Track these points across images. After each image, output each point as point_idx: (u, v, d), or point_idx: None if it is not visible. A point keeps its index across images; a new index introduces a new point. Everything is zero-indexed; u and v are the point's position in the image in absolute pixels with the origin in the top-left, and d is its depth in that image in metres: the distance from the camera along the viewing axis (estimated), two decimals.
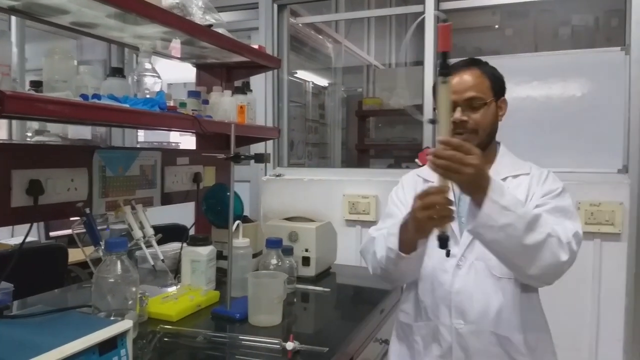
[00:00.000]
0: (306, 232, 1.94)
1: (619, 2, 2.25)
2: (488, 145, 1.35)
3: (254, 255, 1.81)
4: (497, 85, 1.35)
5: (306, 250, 1.93)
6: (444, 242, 1.06)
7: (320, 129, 3.63)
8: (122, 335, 1.01)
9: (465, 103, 1.29)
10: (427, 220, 1.09)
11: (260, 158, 1.40)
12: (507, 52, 3.57)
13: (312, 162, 3.41)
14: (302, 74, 3.47)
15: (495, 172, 1.29)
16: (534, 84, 2.32)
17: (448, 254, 1.17)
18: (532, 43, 3.53)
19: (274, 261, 1.64)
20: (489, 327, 1.27)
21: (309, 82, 3.55)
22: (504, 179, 1.32)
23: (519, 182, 1.34)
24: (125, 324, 1.02)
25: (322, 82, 3.76)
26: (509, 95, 2.35)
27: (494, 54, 3.49)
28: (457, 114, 1.27)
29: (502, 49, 3.68)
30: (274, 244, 1.66)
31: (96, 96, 1.28)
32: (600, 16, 3.39)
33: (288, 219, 2.07)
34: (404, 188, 1.46)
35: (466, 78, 1.31)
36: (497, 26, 3.66)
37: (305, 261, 1.94)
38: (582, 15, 3.36)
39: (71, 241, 2.66)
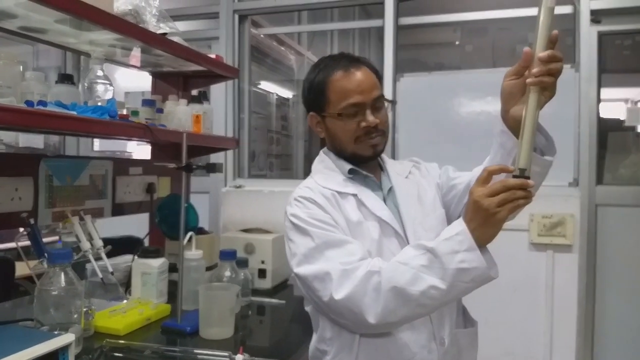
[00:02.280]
0: (262, 244, 1.93)
1: (571, 22, 2.33)
2: None
3: (211, 268, 1.77)
4: (381, 84, 1.23)
5: (262, 262, 1.91)
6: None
7: (283, 140, 3.62)
8: (64, 349, 0.98)
9: (372, 103, 1.15)
10: (505, 215, 0.90)
11: (212, 168, 1.37)
12: (468, 67, 3.65)
13: (274, 174, 3.40)
14: (265, 86, 3.46)
15: (396, 172, 1.25)
16: (488, 98, 2.38)
17: None
18: (491, 59, 3.64)
19: (227, 273, 1.61)
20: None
21: (272, 93, 3.55)
22: (410, 173, 1.27)
23: (421, 171, 1.29)
24: (67, 338, 0.99)
25: (286, 93, 3.76)
26: (464, 109, 2.44)
27: (455, 69, 3.58)
28: (370, 117, 1.13)
29: (463, 65, 3.78)
30: (227, 255, 1.64)
31: (42, 103, 1.24)
32: None
33: (246, 230, 2.05)
34: (321, 207, 1.11)
35: (367, 75, 1.16)
36: (457, 42, 3.75)
37: (262, 273, 1.91)
38: None
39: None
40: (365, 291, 0.97)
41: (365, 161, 1.20)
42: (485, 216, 0.90)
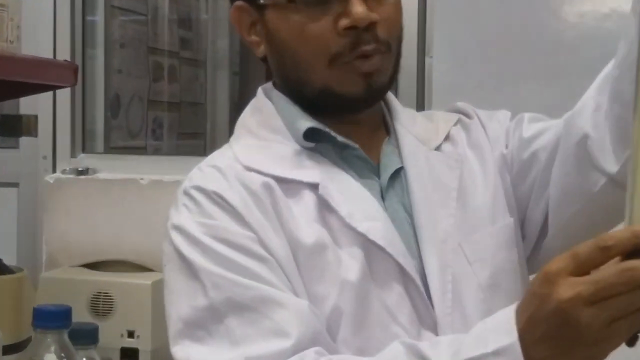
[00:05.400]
0: (131, 294, 1.29)
1: None
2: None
3: (18, 347, 1.13)
4: None
5: (131, 335, 1.24)
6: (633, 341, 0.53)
7: (185, 72, 2.03)
8: None
9: None
10: (621, 341, 0.49)
11: (12, 124, 1.03)
12: None
13: (164, 144, 2.14)
14: None
15: (417, 137, 0.78)
16: None
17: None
18: None
19: (51, 358, 1.17)
20: None
21: None
22: (447, 140, 0.82)
23: (471, 133, 0.81)
24: None
25: None
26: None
27: None
28: (359, 8, 0.69)
29: None
30: (51, 320, 1.04)
31: None
32: None
33: (93, 265, 1.36)
34: (236, 213, 0.67)
35: None
36: None
37: (129, 354, 1.25)
38: None
39: None
40: None
41: (349, 109, 0.73)
42: (580, 342, 0.47)
